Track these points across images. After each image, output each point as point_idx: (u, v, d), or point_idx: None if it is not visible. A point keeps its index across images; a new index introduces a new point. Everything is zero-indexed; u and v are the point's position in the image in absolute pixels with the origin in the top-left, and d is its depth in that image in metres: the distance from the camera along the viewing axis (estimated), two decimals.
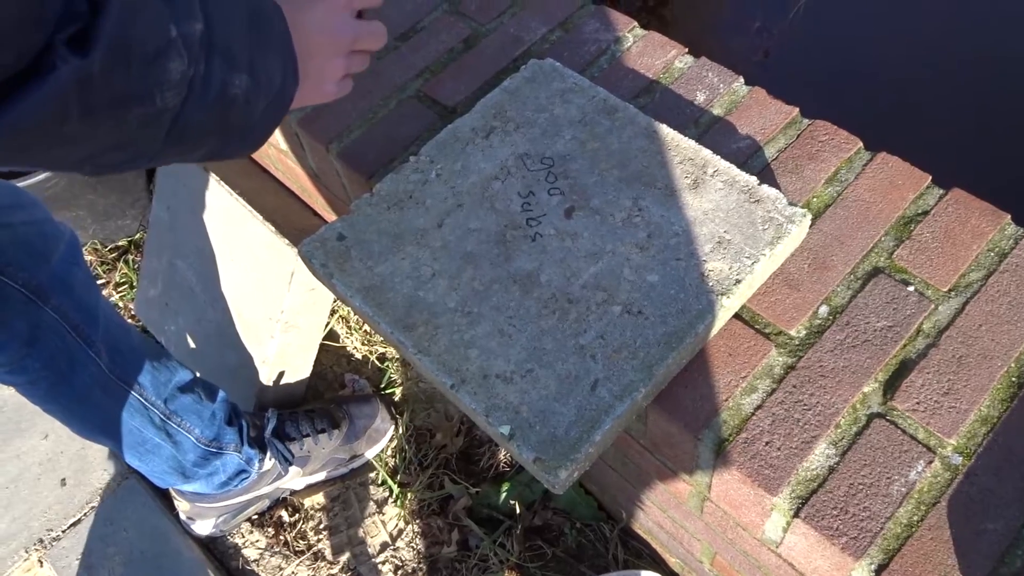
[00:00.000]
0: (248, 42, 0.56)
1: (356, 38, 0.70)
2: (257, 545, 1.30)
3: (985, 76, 1.99)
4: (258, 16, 0.58)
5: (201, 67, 0.52)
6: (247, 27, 0.56)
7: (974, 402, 0.74)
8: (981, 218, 0.84)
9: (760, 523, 0.77)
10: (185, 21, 0.50)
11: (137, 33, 0.47)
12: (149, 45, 0.48)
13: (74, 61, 0.44)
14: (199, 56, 0.52)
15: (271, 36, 0.60)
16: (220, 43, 0.53)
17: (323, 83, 0.70)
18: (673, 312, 0.77)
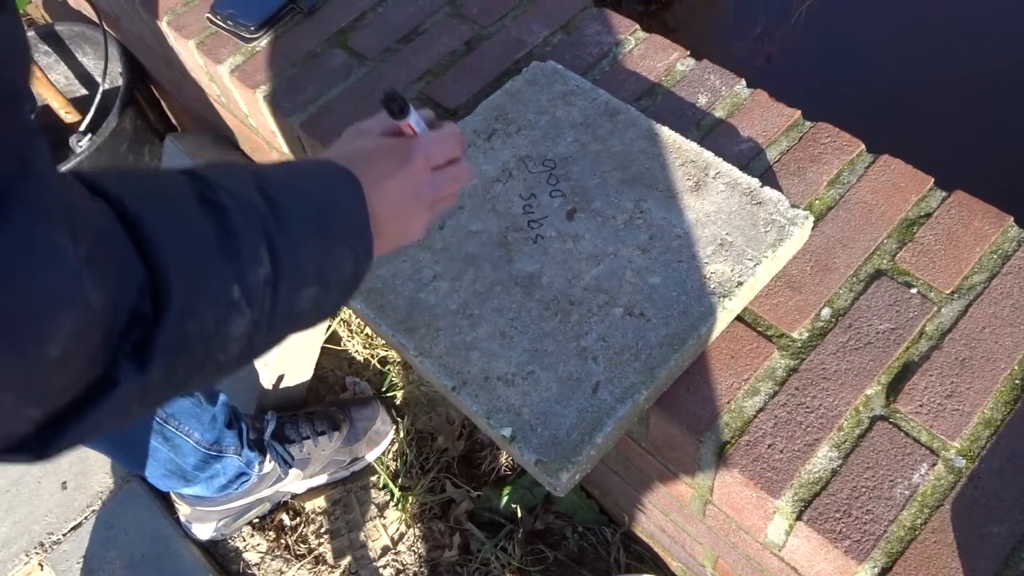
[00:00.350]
0: (317, 251, 0.56)
1: (439, 194, 0.67)
2: (258, 549, 1.30)
3: (986, 78, 1.99)
4: (330, 214, 0.58)
5: (267, 304, 0.52)
6: (317, 237, 0.56)
7: (977, 405, 0.74)
8: (984, 220, 0.84)
9: (763, 526, 0.76)
10: (250, 272, 0.50)
11: (198, 319, 0.47)
12: (210, 321, 0.48)
13: (135, 378, 0.44)
14: (264, 296, 0.51)
15: (343, 231, 0.59)
16: (286, 271, 0.53)
17: (407, 237, 0.68)
18: (675, 314, 0.77)
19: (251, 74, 1.10)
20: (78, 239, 0.40)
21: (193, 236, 0.48)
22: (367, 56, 1.09)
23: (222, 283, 0.48)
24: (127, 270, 0.43)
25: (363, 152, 0.64)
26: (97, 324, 0.41)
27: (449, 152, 0.67)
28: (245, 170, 0.55)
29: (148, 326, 0.44)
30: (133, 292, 0.43)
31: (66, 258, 0.39)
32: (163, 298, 0.45)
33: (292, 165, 0.61)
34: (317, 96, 1.06)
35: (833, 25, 2.21)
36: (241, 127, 1.30)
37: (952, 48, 2.07)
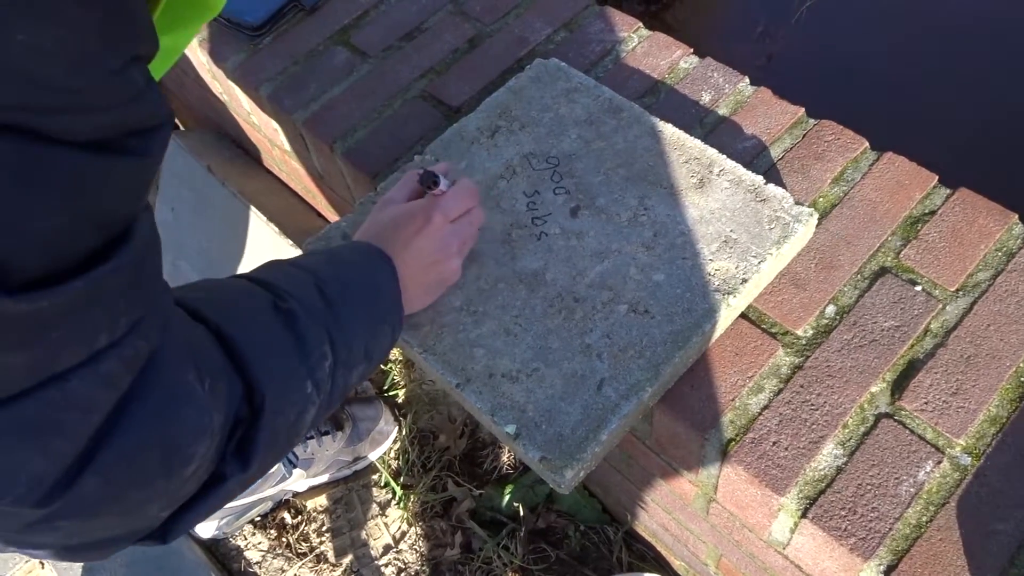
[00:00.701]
0: (365, 335, 0.65)
1: (462, 239, 0.77)
2: (259, 547, 1.30)
3: (988, 76, 1.99)
4: (373, 300, 0.67)
5: (328, 388, 0.60)
6: (365, 323, 0.65)
7: (983, 402, 0.73)
8: (989, 218, 0.84)
9: (767, 524, 0.76)
10: (318, 368, 0.59)
11: (284, 416, 0.56)
12: (292, 416, 0.57)
13: (239, 474, 0.53)
14: (327, 383, 0.60)
15: (384, 312, 0.68)
16: (342, 358, 0.61)
17: (446, 280, 0.78)
18: (679, 311, 0.76)
19: (253, 72, 1.09)
20: (202, 375, 0.49)
21: (275, 346, 0.56)
22: (369, 54, 1.08)
23: (300, 382, 0.57)
24: (231, 385, 0.52)
25: (391, 220, 0.74)
26: (216, 440, 0.50)
27: (465, 204, 0.76)
28: (301, 271, 0.64)
29: (247, 427, 0.53)
30: (236, 402, 0.52)
31: (199, 396, 0.48)
32: (258, 403, 0.53)
33: (336, 255, 0.69)
34: (319, 94, 1.06)
35: (834, 25, 2.22)
36: (244, 125, 1.30)
37: (953, 46, 2.07)
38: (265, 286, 0.60)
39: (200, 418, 0.48)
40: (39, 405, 0.40)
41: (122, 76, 0.39)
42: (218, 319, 0.54)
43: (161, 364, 0.46)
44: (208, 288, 0.60)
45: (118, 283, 0.42)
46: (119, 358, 0.43)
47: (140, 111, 0.40)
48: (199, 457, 0.49)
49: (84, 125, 0.37)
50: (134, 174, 0.42)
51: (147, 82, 0.41)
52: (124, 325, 0.43)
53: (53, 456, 0.41)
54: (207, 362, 0.51)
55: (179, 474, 0.48)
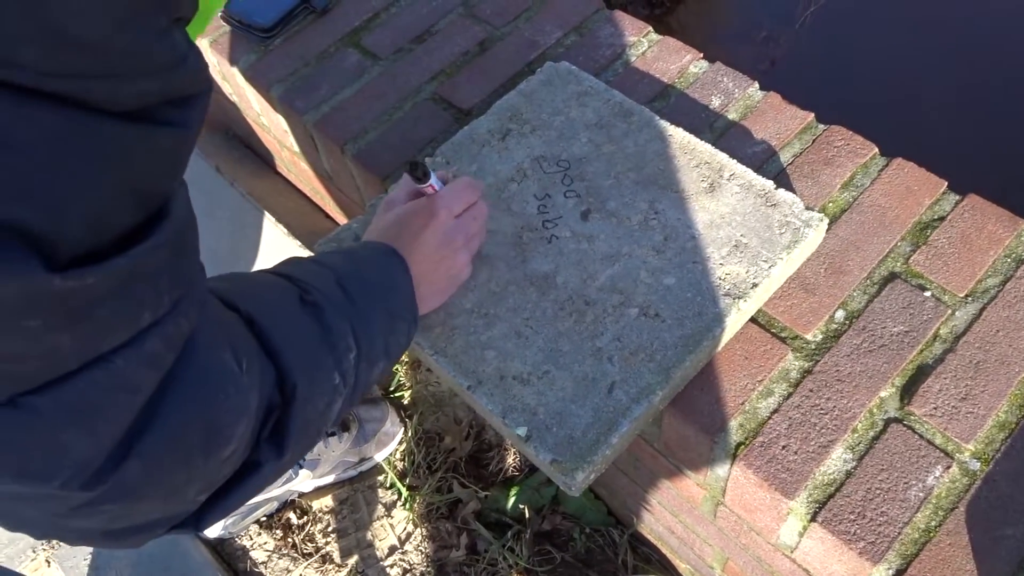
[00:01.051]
0: (385, 330, 0.66)
1: (468, 232, 0.77)
2: (265, 547, 1.30)
3: (994, 82, 1.99)
4: (391, 296, 0.68)
5: (352, 381, 0.62)
6: (385, 318, 0.66)
7: (992, 408, 0.74)
8: (998, 224, 0.84)
9: (775, 527, 0.76)
10: (344, 359, 0.60)
11: (314, 405, 0.57)
12: (322, 405, 0.58)
13: (274, 460, 0.54)
14: (352, 375, 0.61)
15: (401, 309, 0.69)
16: (365, 352, 0.63)
17: (457, 276, 0.78)
18: (690, 315, 0.77)
19: (264, 73, 1.10)
20: (239, 356, 0.49)
21: (304, 336, 0.57)
22: (380, 56, 1.09)
23: (328, 373, 0.58)
24: (265, 372, 0.53)
25: (396, 219, 0.75)
26: (255, 422, 0.51)
27: (466, 199, 0.77)
28: (322, 267, 0.65)
29: (280, 414, 0.54)
30: (269, 387, 0.53)
31: (237, 376, 0.49)
32: (290, 391, 0.54)
33: (353, 253, 0.70)
34: (330, 95, 1.06)
35: (838, 31, 2.22)
36: (253, 126, 1.31)
37: (959, 52, 2.08)
38: (289, 279, 0.61)
39: (239, 397, 0.49)
40: (86, 387, 0.40)
41: (167, 37, 0.38)
42: (248, 307, 0.55)
43: (201, 343, 0.46)
44: (236, 279, 0.61)
45: (159, 260, 0.42)
46: (162, 336, 0.43)
47: (184, 77, 0.40)
48: (237, 438, 0.49)
49: (128, 92, 0.37)
50: (174, 146, 0.41)
51: (189, 45, 0.40)
52: (167, 303, 0.43)
53: (99, 438, 0.42)
54: (243, 343, 0.51)
55: (217, 455, 0.48)
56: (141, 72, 0.37)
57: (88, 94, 0.35)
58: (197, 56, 0.41)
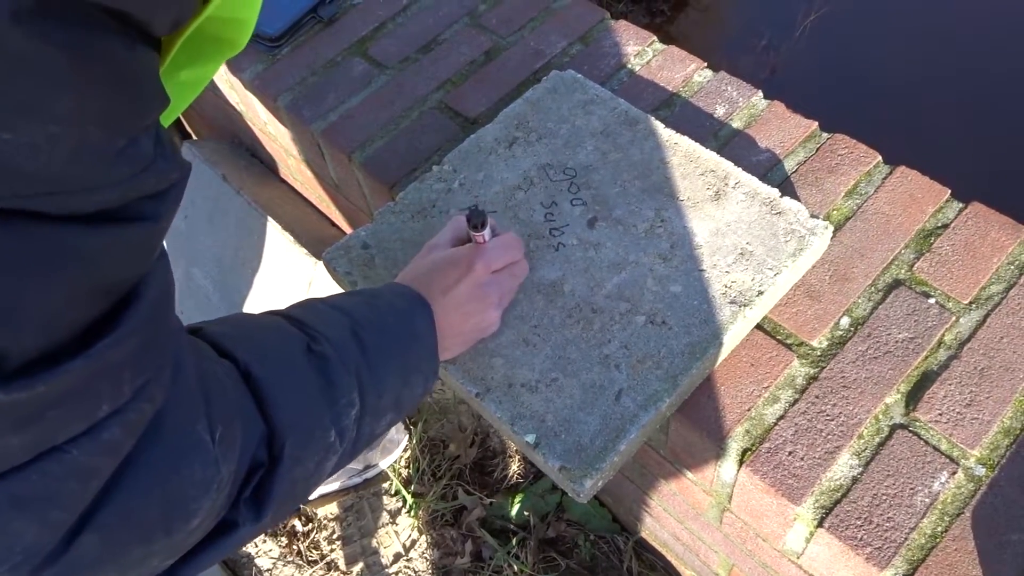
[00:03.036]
0: (397, 383, 0.63)
1: (502, 291, 0.75)
2: (270, 554, 1.30)
3: (993, 92, 2.00)
4: (409, 347, 0.65)
5: (352, 436, 0.59)
6: (399, 371, 0.63)
7: (997, 414, 0.74)
8: (1001, 232, 0.85)
9: (782, 533, 0.77)
10: (344, 416, 0.57)
11: (303, 465, 0.54)
12: (311, 465, 0.55)
13: (252, 523, 0.52)
14: (351, 431, 0.59)
15: (419, 360, 0.66)
16: (371, 407, 0.60)
17: (484, 331, 0.76)
18: (696, 323, 0.77)
19: (271, 82, 1.11)
20: (213, 424, 0.47)
21: (303, 390, 0.55)
22: (387, 65, 1.10)
23: (324, 431, 0.56)
24: (250, 428, 0.51)
25: (434, 265, 0.73)
26: (226, 489, 0.49)
27: (509, 257, 0.75)
28: (338, 312, 0.63)
29: (264, 473, 0.52)
30: (254, 445, 0.51)
31: (207, 449, 0.46)
32: (277, 451, 0.52)
33: (375, 298, 0.67)
34: (337, 104, 1.07)
35: (837, 40, 2.24)
36: (260, 134, 1.31)
37: (959, 61, 2.09)
38: (300, 325, 0.59)
39: (205, 471, 0.46)
40: (37, 478, 0.38)
41: (127, 153, 0.36)
42: (247, 357, 0.53)
43: (166, 420, 0.44)
44: (240, 323, 0.58)
45: (122, 353, 0.39)
46: (122, 424, 0.41)
47: (148, 180, 0.38)
48: (204, 511, 0.47)
49: (85, 202, 0.35)
50: (143, 239, 0.40)
51: (157, 145, 0.39)
52: (128, 392, 0.41)
53: (50, 526, 0.40)
54: (222, 406, 0.48)
55: (182, 529, 0.46)
56: (99, 187, 0.36)
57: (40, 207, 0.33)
58: (165, 155, 0.40)
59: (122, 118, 0.36)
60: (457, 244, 0.76)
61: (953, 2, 2.24)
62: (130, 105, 0.36)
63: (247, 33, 0.49)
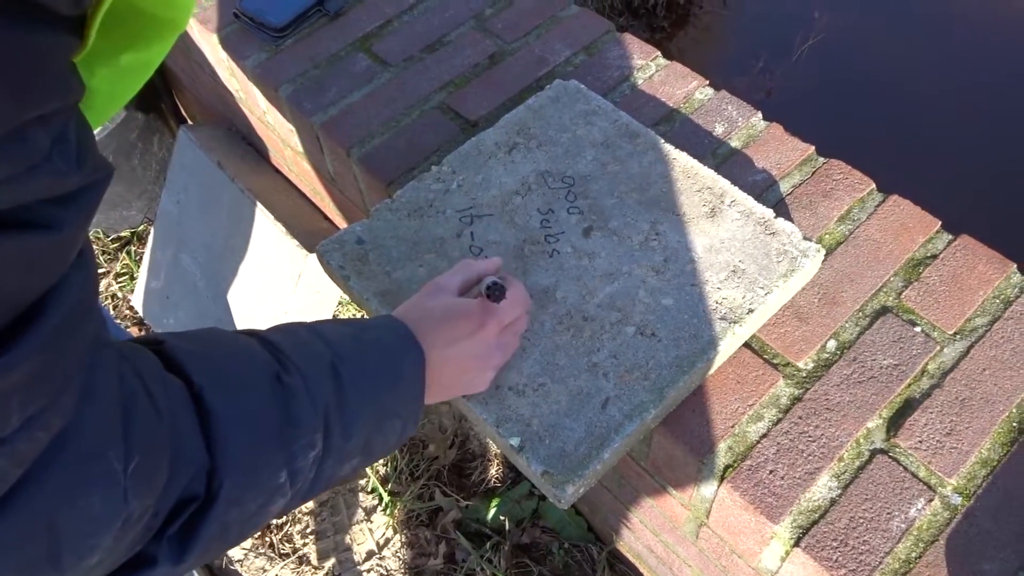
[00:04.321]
0: (369, 428, 0.58)
1: (505, 355, 0.73)
2: (242, 546, 1.29)
3: (990, 124, 2.03)
4: (390, 390, 0.60)
5: (310, 478, 0.54)
6: (373, 415, 0.58)
7: (975, 444, 0.75)
8: (988, 265, 0.86)
9: (758, 551, 0.77)
10: (300, 458, 0.52)
11: (241, 507, 0.50)
12: (252, 506, 0.51)
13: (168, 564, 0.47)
14: (308, 474, 0.54)
15: (399, 405, 0.61)
16: (334, 450, 0.55)
17: (474, 389, 0.73)
18: (685, 336, 0.78)
19: (274, 72, 1.11)
20: (130, 454, 0.42)
21: (258, 425, 0.50)
22: (390, 63, 1.10)
23: (273, 471, 0.51)
24: (186, 458, 0.46)
25: (441, 312, 0.68)
26: (139, 525, 0.44)
27: (517, 312, 0.72)
28: (321, 342, 0.58)
29: (196, 510, 0.47)
30: (187, 478, 0.46)
31: (113, 481, 0.41)
32: (215, 488, 0.47)
33: (365, 331, 0.62)
34: (339, 98, 1.07)
35: (833, 65, 2.26)
36: (257, 123, 1.31)
37: (956, 92, 2.12)
38: (274, 351, 0.55)
39: (107, 505, 0.41)
40: None
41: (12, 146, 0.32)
42: (203, 380, 0.49)
43: (67, 447, 0.39)
44: (208, 341, 0.54)
45: (13, 380, 0.35)
46: (8, 456, 0.37)
47: (38, 181, 0.34)
48: (103, 549, 0.42)
49: None
50: (42, 250, 0.35)
51: (58, 143, 0.35)
52: (16, 422, 0.36)
53: None
54: (145, 435, 0.44)
55: (75, 565, 0.41)
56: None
57: None
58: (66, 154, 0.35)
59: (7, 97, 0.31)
60: (465, 288, 0.72)
61: (952, 34, 2.27)
62: (9, 93, 0.32)
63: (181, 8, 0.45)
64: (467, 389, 0.72)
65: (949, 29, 2.28)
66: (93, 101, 0.46)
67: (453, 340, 0.67)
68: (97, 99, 0.46)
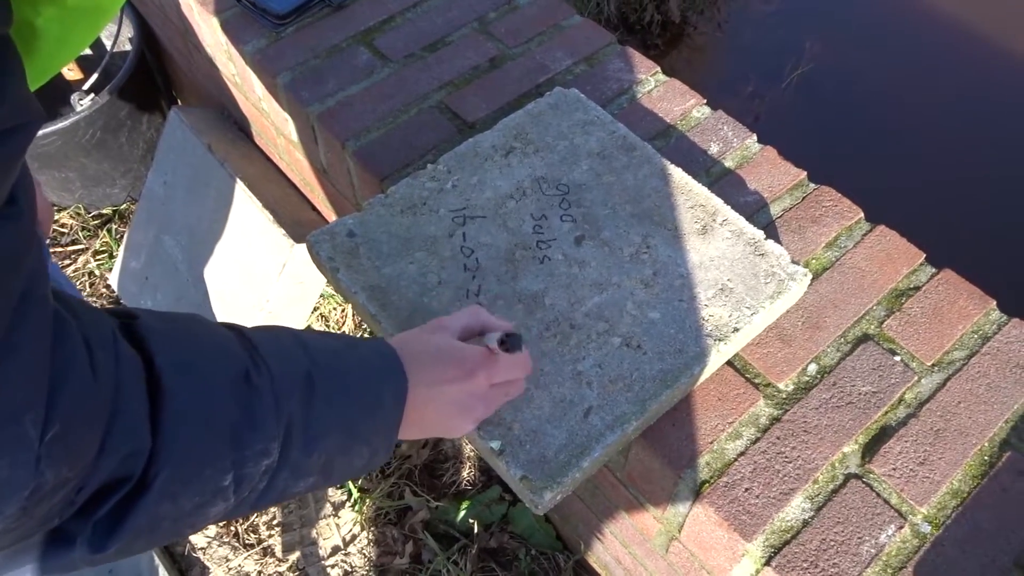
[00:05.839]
0: (333, 448, 0.55)
1: (489, 409, 0.69)
2: (206, 533, 1.28)
3: (979, 160, 2.07)
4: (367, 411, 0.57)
5: (259, 488, 0.51)
6: (340, 436, 0.55)
7: (947, 475, 0.76)
8: (968, 300, 0.88)
9: (728, 568, 0.78)
10: (250, 464, 0.50)
11: (175, 503, 0.47)
12: (187, 505, 0.48)
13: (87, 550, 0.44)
14: (258, 483, 0.51)
15: (370, 431, 0.58)
16: (291, 463, 0.52)
17: (449, 434, 0.70)
18: (670, 351, 0.79)
19: (273, 59, 1.10)
20: (50, 421, 0.39)
21: (211, 419, 0.47)
22: (391, 58, 1.10)
23: (217, 472, 0.48)
24: (124, 437, 0.43)
25: (438, 352, 0.65)
26: (53, 496, 0.41)
27: (513, 375, 0.69)
28: (303, 351, 0.55)
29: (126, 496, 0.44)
30: (120, 456, 0.43)
31: (25, 447, 0.38)
32: (150, 477, 0.44)
33: (352, 349, 0.60)
34: (337, 90, 1.06)
35: (822, 94, 2.29)
36: (251, 109, 1.30)
37: (943, 129, 2.15)
38: (251, 349, 0.52)
39: (15, 471, 0.38)
40: None
41: None
42: (165, 362, 0.47)
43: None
44: (184, 325, 0.52)
45: None
46: None
47: None
48: (7, 517, 0.40)
49: None
50: None
51: None
52: None
53: None
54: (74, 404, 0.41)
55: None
56: None
57: None
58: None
59: None
60: (467, 334, 0.69)
61: (942, 70, 2.31)
62: None
63: None
64: (442, 432, 0.69)
65: (938, 65, 2.32)
66: (40, 44, 0.44)
67: (439, 382, 0.64)
68: (45, 42, 0.44)
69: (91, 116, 1.46)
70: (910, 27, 2.42)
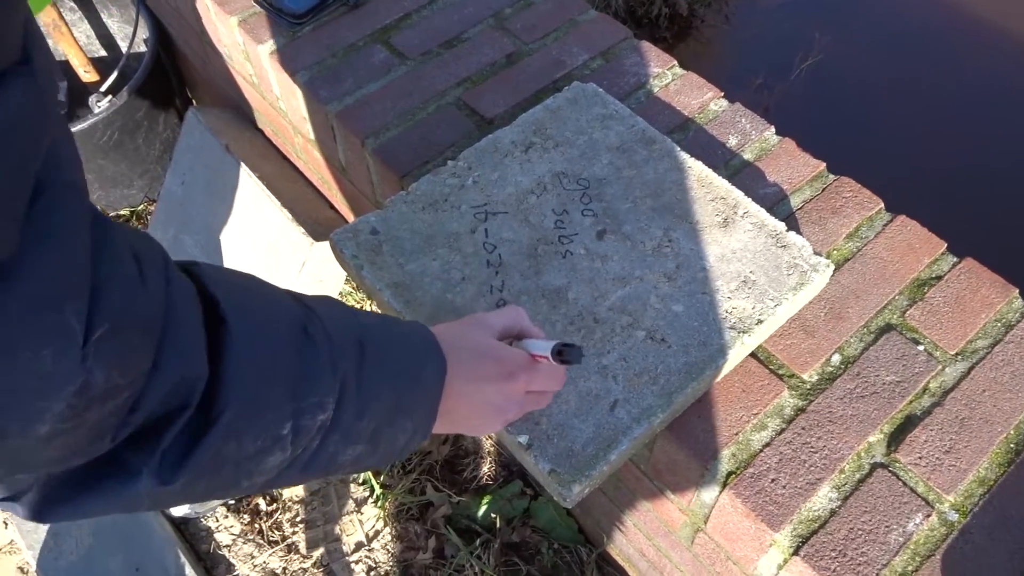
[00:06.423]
0: (382, 416, 0.55)
1: (520, 413, 0.68)
2: (231, 531, 1.29)
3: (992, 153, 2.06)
4: (410, 386, 0.57)
5: (312, 447, 0.51)
6: (389, 403, 0.55)
7: (973, 463, 0.77)
8: (991, 289, 0.88)
9: (755, 558, 0.78)
10: (308, 416, 0.49)
11: (239, 444, 0.46)
12: (249, 448, 0.47)
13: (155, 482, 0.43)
14: (312, 440, 0.50)
15: (414, 405, 0.58)
16: (343, 425, 0.52)
17: (477, 432, 0.69)
18: (695, 343, 0.79)
19: (291, 59, 1.11)
20: (95, 319, 0.37)
21: (272, 362, 0.47)
22: (408, 56, 1.10)
23: (278, 417, 0.47)
24: (180, 353, 0.41)
25: (476, 347, 0.64)
26: (104, 404, 0.39)
27: (549, 386, 0.69)
28: (353, 315, 0.55)
29: (192, 430, 0.43)
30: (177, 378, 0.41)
31: (70, 338, 0.36)
32: (215, 413, 0.43)
33: (397, 325, 0.60)
34: (355, 88, 1.07)
35: (831, 86, 2.28)
36: (268, 109, 1.31)
37: (954, 120, 2.15)
38: (306, 309, 0.52)
39: (60, 363, 0.36)
40: None
41: None
42: (230, 305, 0.45)
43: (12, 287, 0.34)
44: (240, 275, 0.51)
45: None
46: None
47: None
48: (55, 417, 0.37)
49: None
50: None
51: None
52: None
53: None
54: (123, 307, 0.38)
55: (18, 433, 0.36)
56: None
57: None
58: None
59: None
60: (506, 335, 0.68)
61: (954, 57, 2.30)
62: None
63: None
64: (469, 430, 0.68)
65: (951, 52, 2.31)
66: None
67: (477, 378, 0.63)
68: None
69: (109, 118, 1.47)
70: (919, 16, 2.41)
